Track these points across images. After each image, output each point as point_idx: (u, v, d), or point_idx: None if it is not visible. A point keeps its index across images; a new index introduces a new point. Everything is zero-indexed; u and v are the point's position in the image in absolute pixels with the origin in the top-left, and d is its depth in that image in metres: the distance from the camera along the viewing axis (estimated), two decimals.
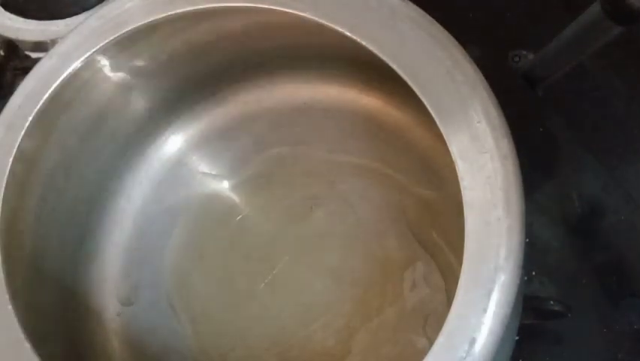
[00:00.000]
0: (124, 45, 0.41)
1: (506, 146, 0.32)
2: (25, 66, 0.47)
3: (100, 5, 0.49)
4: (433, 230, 0.44)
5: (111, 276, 0.48)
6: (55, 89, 0.40)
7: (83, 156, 0.45)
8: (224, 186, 0.49)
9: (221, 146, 0.50)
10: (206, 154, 0.50)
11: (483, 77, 0.33)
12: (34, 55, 0.50)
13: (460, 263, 0.31)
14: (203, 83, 0.49)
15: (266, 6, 0.37)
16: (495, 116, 0.32)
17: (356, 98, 0.48)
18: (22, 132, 0.39)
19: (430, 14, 0.35)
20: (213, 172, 0.50)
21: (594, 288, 0.45)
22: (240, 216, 0.48)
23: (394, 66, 0.34)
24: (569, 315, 0.42)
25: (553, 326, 0.44)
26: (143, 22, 0.39)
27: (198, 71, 0.47)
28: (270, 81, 0.49)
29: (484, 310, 0.30)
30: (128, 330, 0.47)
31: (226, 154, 0.50)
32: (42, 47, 0.50)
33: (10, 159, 0.39)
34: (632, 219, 0.46)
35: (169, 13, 0.39)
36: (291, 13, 0.37)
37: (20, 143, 0.39)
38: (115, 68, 0.43)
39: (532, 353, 0.43)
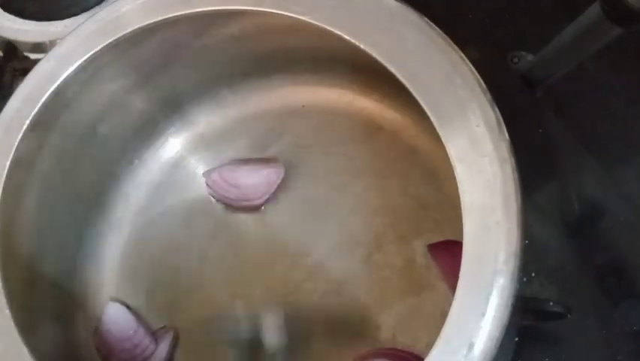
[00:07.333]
0: (122, 48, 0.41)
1: (505, 149, 0.32)
2: (24, 67, 0.47)
3: (98, 7, 0.49)
4: (432, 234, 0.44)
5: (109, 279, 0.48)
6: (53, 91, 0.40)
7: (80, 159, 0.45)
8: None
9: (220, 148, 0.50)
10: (205, 156, 0.50)
11: (481, 80, 0.33)
12: (33, 56, 0.50)
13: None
14: (202, 86, 0.49)
15: (265, 9, 0.37)
16: (493, 120, 0.32)
17: (354, 100, 0.48)
18: (20, 135, 0.39)
19: (428, 16, 0.35)
20: None
21: (594, 289, 0.45)
22: (240, 219, 0.48)
23: (393, 69, 0.34)
24: (569, 316, 0.42)
25: (552, 327, 0.44)
26: (140, 25, 0.39)
27: (197, 74, 0.47)
28: (269, 84, 0.49)
29: (483, 315, 0.30)
30: None
31: (225, 156, 0.50)
32: (41, 47, 0.50)
33: (8, 162, 0.39)
34: (632, 220, 0.46)
35: (167, 16, 0.39)
36: (290, 16, 0.37)
37: (18, 145, 0.39)
38: (113, 70, 0.43)
39: (532, 354, 0.43)
